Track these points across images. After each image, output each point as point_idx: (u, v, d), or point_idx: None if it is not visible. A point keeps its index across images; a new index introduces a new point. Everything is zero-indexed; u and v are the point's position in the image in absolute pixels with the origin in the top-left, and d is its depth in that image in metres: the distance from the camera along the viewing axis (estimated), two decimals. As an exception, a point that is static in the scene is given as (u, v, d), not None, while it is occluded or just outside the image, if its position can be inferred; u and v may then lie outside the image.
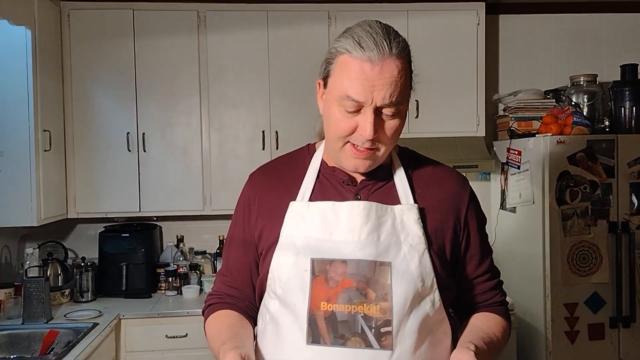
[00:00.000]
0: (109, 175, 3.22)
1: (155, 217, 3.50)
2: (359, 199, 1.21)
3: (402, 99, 1.12)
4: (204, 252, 3.48)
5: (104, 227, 3.43)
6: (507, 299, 2.99)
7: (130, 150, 3.22)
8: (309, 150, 1.33)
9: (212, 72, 3.25)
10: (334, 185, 1.25)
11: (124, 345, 2.92)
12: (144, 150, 3.23)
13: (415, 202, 1.22)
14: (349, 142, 1.16)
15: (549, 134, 2.88)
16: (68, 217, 3.22)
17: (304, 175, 1.26)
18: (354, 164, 1.18)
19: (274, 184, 1.29)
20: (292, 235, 1.19)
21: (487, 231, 1.34)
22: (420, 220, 1.19)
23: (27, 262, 2.98)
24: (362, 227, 1.15)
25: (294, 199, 1.23)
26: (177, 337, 2.91)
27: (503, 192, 3.34)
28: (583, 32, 3.61)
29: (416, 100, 3.25)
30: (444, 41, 3.27)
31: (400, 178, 1.25)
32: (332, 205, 1.19)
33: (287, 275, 1.17)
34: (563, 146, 2.84)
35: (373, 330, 1.11)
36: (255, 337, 1.27)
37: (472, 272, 1.28)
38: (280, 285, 1.18)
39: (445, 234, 1.22)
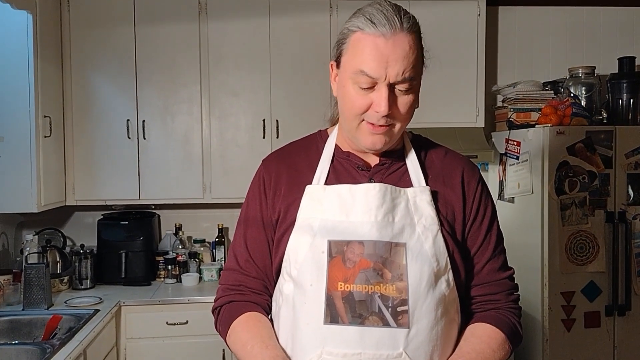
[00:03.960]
0: (108, 163, 3.21)
1: (153, 205, 3.50)
2: (372, 182, 1.23)
3: (415, 74, 1.14)
4: (202, 241, 3.48)
5: (102, 214, 3.42)
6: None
7: (130, 138, 3.21)
8: (321, 136, 1.34)
9: (213, 59, 3.24)
10: (347, 170, 1.26)
11: (124, 331, 2.92)
12: (144, 138, 3.22)
13: (427, 185, 1.24)
14: (364, 120, 1.17)
15: (549, 125, 2.91)
16: (67, 204, 3.21)
17: (318, 160, 1.28)
18: (371, 140, 1.19)
19: (288, 168, 1.29)
20: (309, 217, 1.20)
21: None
22: (432, 202, 1.21)
23: (27, 249, 2.97)
24: (378, 209, 1.17)
25: (309, 183, 1.24)
26: (177, 324, 2.92)
27: (501, 183, 3.37)
28: (581, 25, 3.64)
29: (416, 91, 3.26)
30: (444, 32, 3.29)
31: (412, 162, 1.27)
32: (349, 188, 1.20)
33: (304, 256, 1.18)
34: (562, 137, 2.87)
35: (390, 309, 1.13)
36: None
37: (479, 259, 1.26)
38: (296, 266, 1.19)
39: (455, 218, 1.24)
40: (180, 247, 3.39)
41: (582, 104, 3.11)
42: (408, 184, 1.24)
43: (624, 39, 3.62)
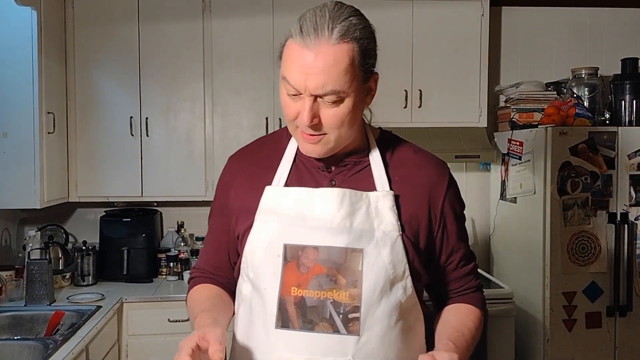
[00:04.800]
0: (111, 160, 3.21)
1: (155, 202, 3.50)
2: (334, 185, 1.20)
3: (341, 86, 1.08)
4: (204, 238, 3.48)
5: (104, 211, 3.43)
6: (506, 287, 3.04)
7: (133, 135, 3.21)
8: (287, 133, 1.28)
9: (216, 57, 3.24)
10: (309, 171, 1.23)
11: (126, 328, 2.92)
12: (147, 135, 3.23)
13: (391, 188, 1.20)
14: (298, 126, 1.15)
15: (551, 125, 2.91)
16: (69, 200, 3.21)
17: (281, 159, 1.26)
18: (307, 148, 1.18)
19: (251, 168, 1.28)
20: (267, 220, 1.19)
21: (487, 221, 1.35)
22: (395, 207, 1.18)
23: (30, 245, 2.97)
24: (334, 214, 1.15)
25: (270, 184, 1.22)
26: (179, 321, 2.92)
27: (503, 183, 3.37)
28: (584, 26, 3.65)
29: (419, 90, 3.26)
30: (448, 32, 3.29)
31: (376, 163, 1.23)
32: (307, 192, 1.19)
33: (260, 259, 1.18)
34: (565, 137, 2.87)
35: (341, 315, 1.12)
36: (233, 312, 1.30)
37: (448, 259, 1.27)
38: (252, 269, 1.19)
39: (420, 222, 1.21)
40: (182, 244, 3.39)
41: (585, 105, 3.11)
42: (371, 185, 1.21)
43: (627, 40, 3.63)
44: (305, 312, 1.13)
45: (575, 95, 3.12)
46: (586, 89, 3.21)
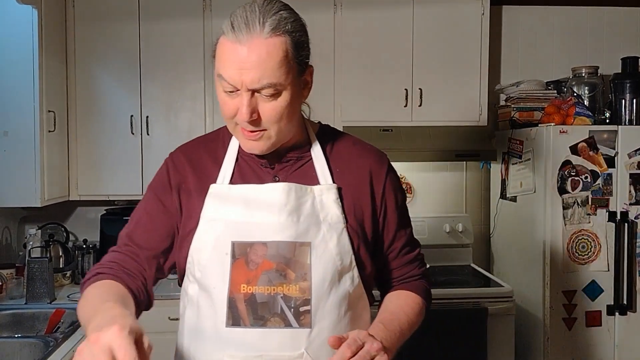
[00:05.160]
0: (112, 158, 3.22)
1: (156, 201, 3.50)
2: (278, 181, 1.22)
3: (278, 80, 1.09)
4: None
5: (105, 210, 3.43)
6: (506, 286, 3.04)
7: (133, 134, 3.22)
8: (228, 132, 1.28)
9: (217, 56, 3.24)
10: (252, 168, 1.24)
11: (126, 326, 2.92)
12: (148, 134, 3.23)
13: (334, 181, 1.23)
14: (238, 123, 1.15)
15: (552, 124, 2.91)
16: (70, 199, 3.22)
17: (224, 158, 1.25)
18: (248, 145, 1.18)
19: (194, 166, 1.26)
20: (213, 218, 1.19)
21: (487, 220, 1.36)
22: (339, 199, 1.21)
23: (30, 243, 2.98)
24: (281, 209, 1.17)
25: (214, 182, 1.22)
26: (179, 319, 2.92)
27: (504, 182, 3.37)
28: (584, 25, 3.64)
29: (420, 89, 3.26)
30: (448, 31, 3.29)
31: (318, 157, 1.26)
32: (254, 188, 1.20)
33: (207, 258, 1.17)
34: (565, 136, 2.87)
35: (292, 309, 1.14)
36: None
37: (391, 246, 1.30)
38: (199, 268, 1.18)
39: (364, 212, 1.24)
40: (182, 243, 3.39)
41: (585, 104, 3.11)
42: (314, 179, 1.23)
43: (627, 39, 3.62)
44: (256, 308, 1.13)
45: (575, 94, 3.12)
46: (586, 87, 3.21)
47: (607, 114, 3.13)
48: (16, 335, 2.52)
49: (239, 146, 1.25)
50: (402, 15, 3.26)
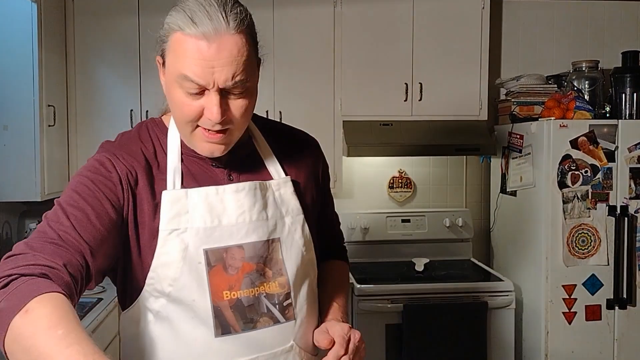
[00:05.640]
0: (111, 153, 3.21)
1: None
2: (232, 180, 1.16)
3: (247, 76, 1.04)
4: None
5: (105, 204, 3.43)
6: (506, 280, 3.04)
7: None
8: (159, 127, 1.18)
9: (217, 50, 3.23)
10: (202, 169, 1.16)
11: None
12: (147, 128, 3.22)
13: (286, 174, 1.23)
14: (198, 126, 1.07)
15: (552, 118, 2.91)
16: (70, 193, 3.21)
17: (164, 158, 1.14)
18: (209, 148, 1.10)
19: (141, 168, 1.11)
20: (176, 229, 1.09)
21: (487, 214, 1.43)
22: (295, 192, 1.22)
23: (30, 238, 2.97)
24: (251, 209, 1.14)
25: (164, 188, 1.11)
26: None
27: (504, 176, 3.37)
28: (585, 19, 3.64)
29: (420, 83, 3.26)
30: (448, 25, 3.28)
31: (265, 151, 1.23)
32: (216, 190, 1.12)
33: (178, 272, 1.08)
34: (565, 130, 2.87)
35: (277, 306, 1.14)
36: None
37: (326, 222, 1.38)
38: (169, 282, 1.08)
39: (312, 199, 1.28)
40: (182, 237, 3.39)
41: (586, 98, 3.11)
42: (267, 175, 1.21)
43: (627, 33, 3.62)
44: (244, 312, 1.11)
45: (575, 88, 3.12)
46: (587, 82, 3.20)
47: (608, 108, 3.13)
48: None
49: (180, 147, 1.14)
50: (402, 9, 3.26)
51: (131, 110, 3.21)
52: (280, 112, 3.26)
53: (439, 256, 3.41)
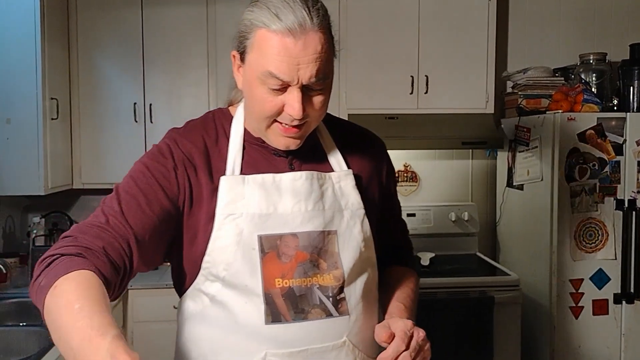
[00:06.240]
0: (115, 146, 3.19)
1: (160, 189, 3.48)
2: (293, 169, 1.17)
3: (328, 72, 1.06)
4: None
5: (108, 198, 3.41)
6: (512, 275, 3.02)
7: (137, 121, 3.19)
8: (225, 116, 1.22)
9: (221, 43, 3.21)
10: (264, 157, 1.18)
11: (131, 315, 2.92)
12: (151, 122, 3.20)
13: (349, 167, 1.22)
14: (275, 120, 1.09)
15: (560, 111, 2.88)
16: (73, 187, 3.20)
17: (227, 145, 1.16)
18: (285, 142, 1.12)
19: (200, 154, 1.14)
20: (231, 214, 1.11)
21: (493, 208, 1.39)
22: (356, 185, 1.20)
23: (34, 232, 2.96)
24: (307, 198, 1.14)
25: (222, 173, 1.13)
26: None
27: (510, 170, 3.35)
28: (592, 11, 3.60)
29: (426, 76, 3.23)
30: (454, 17, 3.25)
31: (329, 144, 1.24)
32: (273, 178, 1.14)
33: (232, 256, 1.10)
34: (573, 123, 2.84)
35: (330, 298, 1.12)
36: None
37: (391, 229, 1.35)
38: (224, 267, 1.10)
39: (374, 195, 1.26)
40: (186, 231, 3.38)
41: (593, 91, 3.08)
42: (328, 167, 1.21)
43: (635, 25, 3.58)
44: (295, 302, 1.10)
45: (583, 81, 3.09)
46: (594, 74, 3.17)
47: (615, 101, 3.10)
48: (21, 324, 2.50)
49: (243, 133, 1.17)
50: (408, 2, 3.22)
51: (134, 103, 3.19)
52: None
53: (444, 251, 3.39)
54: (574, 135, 2.84)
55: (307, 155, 1.20)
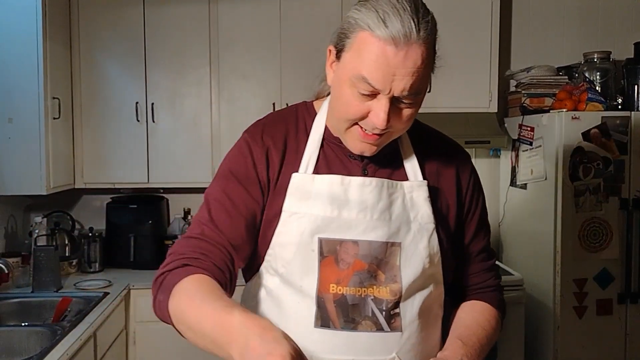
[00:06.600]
0: (117, 146, 3.19)
1: (161, 189, 3.48)
2: (366, 174, 1.13)
3: (422, 88, 1.02)
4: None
5: (111, 198, 3.41)
6: (516, 274, 2.99)
7: (139, 121, 3.18)
8: (308, 111, 1.19)
9: (223, 42, 3.20)
10: (339, 158, 1.14)
11: (133, 315, 2.92)
12: (153, 121, 3.20)
13: (425, 178, 1.16)
14: (357, 124, 1.06)
15: (564, 110, 2.86)
16: (75, 186, 3.19)
17: (306, 142, 1.15)
18: (360, 147, 1.09)
19: (277, 149, 1.14)
20: (296, 212, 1.10)
21: (496, 208, 1.32)
22: (429, 198, 1.14)
23: (36, 231, 2.95)
24: (374, 206, 1.09)
25: (296, 170, 1.12)
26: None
27: (513, 169, 3.33)
28: (596, 9, 3.57)
29: (428, 75, 3.21)
30: (458, 15, 3.23)
31: (407, 152, 1.17)
32: (341, 180, 1.10)
33: (292, 254, 1.09)
34: (577, 122, 2.83)
35: (384, 312, 1.09)
36: None
37: (470, 250, 1.24)
38: (283, 264, 1.11)
39: (449, 212, 1.18)
40: (189, 231, 3.37)
41: (597, 89, 3.06)
42: (402, 176, 1.15)
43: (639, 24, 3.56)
44: (346, 310, 1.07)
45: (587, 80, 3.07)
46: (598, 73, 3.15)
47: (620, 100, 3.08)
48: (23, 324, 2.50)
49: (324, 132, 1.15)
50: None
51: (136, 102, 3.18)
52: (287, 105, 3.22)
53: (447, 250, 3.38)
54: (578, 134, 2.83)
55: (383, 162, 1.15)
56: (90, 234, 3.17)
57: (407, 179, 1.15)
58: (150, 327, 2.91)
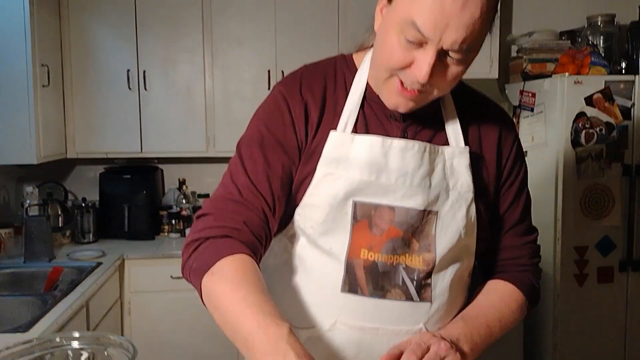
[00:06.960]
0: (109, 115, 3.12)
1: (155, 159, 3.42)
2: (407, 137, 1.05)
3: (474, 45, 0.92)
4: (207, 195, 3.42)
5: (104, 168, 3.35)
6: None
7: (130, 89, 3.11)
8: (348, 65, 1.10)
9: (216, 7, 3.11)
10: (378, 118, 1.06)
11: (128, 285, 2.88)
12: (145, 89, 3.12)
13: (466, 143, 1.08)
14: (396, 75, 0.96)
15: (566, 74, 2.79)
16: (67, 156, 3.14)
17: (345, 98, 1.06)
18: (395, 101, 1.00)
19: (311, 103, 1.06)
20: (332, 173, 1.03)
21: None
22: (470, 166, 1.06)
23: (28, 201, 2.91)
24: (414, 172, 1.02)
25: (334, 127, 1.05)
26: (182, 277, 2.87)
27: (514, 136, 3.27)
28: (600, -29, 3.47)
29: (427, 40, 3.13)
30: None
31: (450, 115, 1.08)
32: (382, 142, 1.02)
33: (323, 216, 1.03)
34: (580, 87, 2.75)
35: (415, 282, 1.04)
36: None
37: (505, 222, 1.15)
38: (312, 225, 1.05)
39: (489, 181, 1.11)
40: (184, 201, 3.33)
41: (601, 53, 2.98)
42: (443, 140, 1.07)
43: (645, -15, 3.45)
44: (376, 278, 1.03)
45: (590, 44, 2.99)
46: (602, 37, 3.07)
47: (624, 64, 3.00)
48: (16, 294, 2.47)
49: (366, 89, 1.06)
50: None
51: (128, 70, 3.10)
52: (282, 72, 3.15)
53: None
54: (581, 99, 2.76)
55: (424, 124, 1.07)
56: (83, 205, 3.13)
57: (447, 144, 1.07)
58: (145, 297, 2.88)
